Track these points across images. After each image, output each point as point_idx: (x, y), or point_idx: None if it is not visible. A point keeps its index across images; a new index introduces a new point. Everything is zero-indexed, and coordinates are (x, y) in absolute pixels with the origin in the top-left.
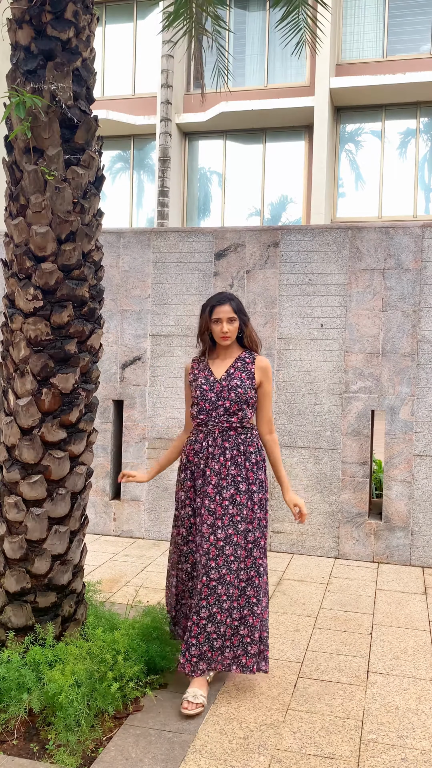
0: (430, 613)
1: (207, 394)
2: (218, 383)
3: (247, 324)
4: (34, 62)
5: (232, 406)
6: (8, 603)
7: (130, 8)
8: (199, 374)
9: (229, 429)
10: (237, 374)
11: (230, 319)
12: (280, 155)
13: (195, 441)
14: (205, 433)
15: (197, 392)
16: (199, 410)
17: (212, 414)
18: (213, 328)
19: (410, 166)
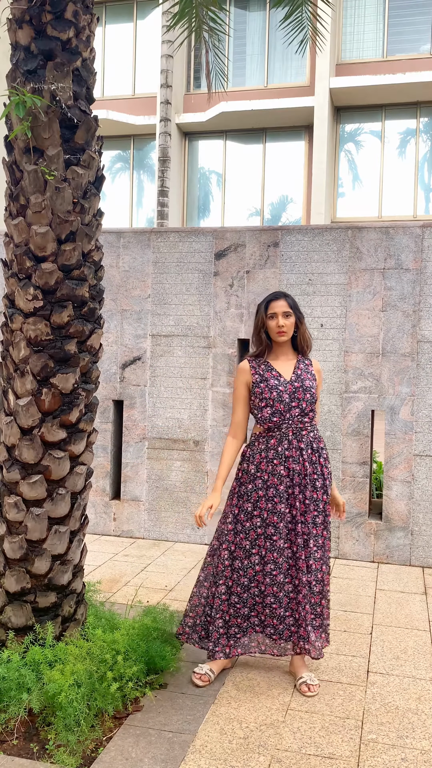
0: (430, 613)
1: (282, 395)
2: (290, 384)
3: (302, 321)
4: (34, 62)
5: (307, 407)
6: (8, 603)
7: (130, 8)
8: (266, 375)
9: (301, 429)
10: (305, 375)
11: (286, 314)
12: (280, 155)
13: (267, 447)
14: (278, 438)
15: (272, 393)
16: (273, 412)
17: (286, 416)
18: (269, 324)
19: (410, 166)
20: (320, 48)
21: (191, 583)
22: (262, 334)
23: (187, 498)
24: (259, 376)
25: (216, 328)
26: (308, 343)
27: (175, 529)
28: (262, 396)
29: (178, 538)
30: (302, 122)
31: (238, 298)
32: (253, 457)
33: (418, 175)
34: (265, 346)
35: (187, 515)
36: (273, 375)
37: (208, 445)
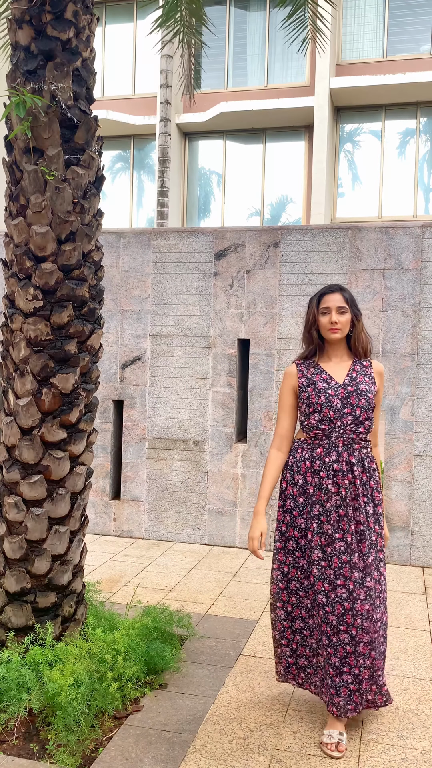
0: (430, 613)
1: (332, 400)
2: (342, 388)
3: (359, 319)
4: (34, 62)
5: (362, 414)
6: (8, 603)
7: (130, 8)
8: (315, 377)
9: (354, 442)
10: (361, 378)
11: (341, 309)
12: (280, 155)
13: (312, 457)
14: (325, 448)
15: (321, 398)
16: (321, 419)
17: (336, 424)
18: (321, 320)
19: (410, 166)
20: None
21: (191, 583)
22: (313, 332)
23: (187, 498)
24: (306, 379)
25: (216, 328)
26: (365, 344)
27: (175, 529)
28: (309, 401)
29: (178, 538)
30: (302, 122)
31: (238, 298)
32: (298, 466)
33: (418, 175)
34: (315, 345)
35: (187, 515)
36: (323, 378)
37: (208, 445)
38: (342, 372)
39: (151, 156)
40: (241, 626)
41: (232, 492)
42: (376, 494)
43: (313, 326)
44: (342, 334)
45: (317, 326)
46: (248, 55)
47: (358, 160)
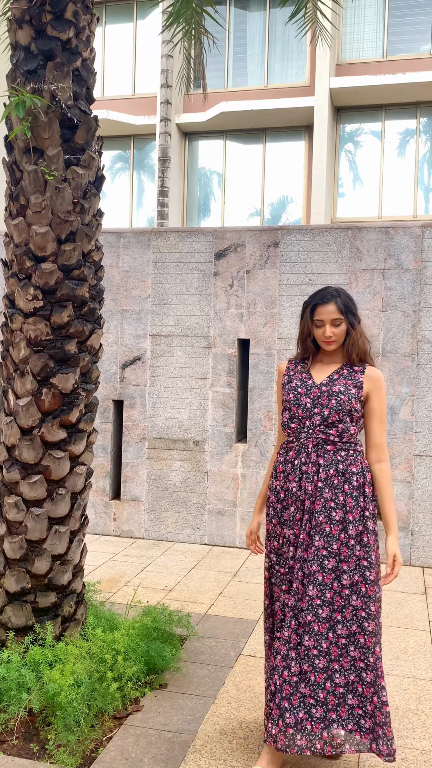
0: (430, 613)
1: (301, 398)
2: (316, 388)
3: (355, 327)
4: (34, 62)
5: (332, 416)
6: (8, 603)
7: (130, 8)
8: (295, 376)
9: (325, 443)
10: (341, 381)
11: (335, 322)
12: (280, 155)
13: (285, 461)
14: (296, 450)
15: (290, 395)
16: (291, 417)
17: (305, 423)
18: (315, 332)
19: (410, 166)
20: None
21: (191, 583)
22: (308, 342)
23: (187, 498)
24: (288, 377)
25: (216, 328)
26: (359, 349)
27: (175, 529)
28: (283, 398)
29: (178, 538)
30: (302, 122)
31: (238, 298)
32: (276, 470)
33: (418, 175)
34: (311, 353)
35: (187, 515)
36: (302, 377)
37: (208, 445)
38: (326, 374)
39: (151, 156)
40: (241, 626)
41: (232, 492)
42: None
43: (308, 336)
44: (337, 345)
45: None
46: (248, 55)
47: (358, 160)
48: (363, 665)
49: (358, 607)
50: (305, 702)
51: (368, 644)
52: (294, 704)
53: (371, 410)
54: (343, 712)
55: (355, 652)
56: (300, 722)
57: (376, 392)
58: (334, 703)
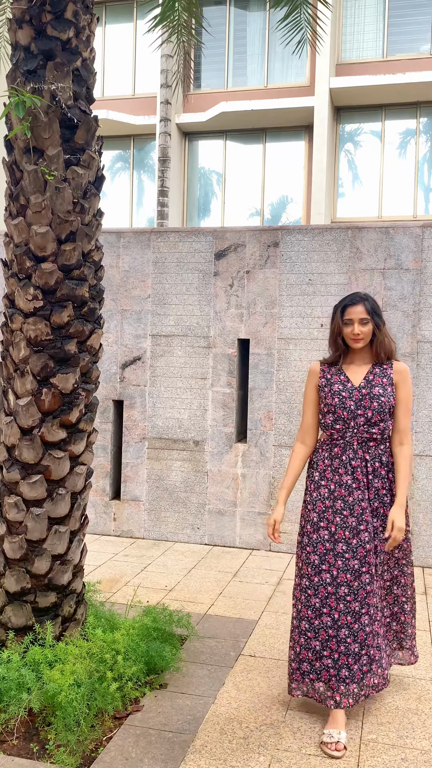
0: (430, 613)
1: (346, 401)
2: (357, 390)
3: (381, 328)
4: (34, 62)
5: (374, 416)
6: (8, 603)
7: (130, 8)
8: (333, 379)
9: (369, 440)
10: (377, 380)
11: (363, 321)
12: (280, 155)
13: (331, 456)
14: (342, 446)
15: (335, 399)
16: (335, 419)
17: (350, 424)
18: (344, 330)
19: (410, 166)
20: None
21: (191, 583)
22: (338, 340)
23: (187, 498)
24: (326, 380)
25: (216, 328)
26: (387, 349)
27: (175, 529)
28: (326, 401)
29: (178, 538)
30: (302, 122)
31: (238, 298)
32: (316, 464)
33: (418, 175)
34: (341, 352)
35: (187, 515)
36: (340, 380)
37: (208, 445)
38: (361, 375)
39: (151, 156)
40: (241, 626)
41: (232, 492)
42: (395, 486)
43: (339, 335)
44: (364, 343)
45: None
46: (248, 55)
47: (358, 160)
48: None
49: (399, 557)
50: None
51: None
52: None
53: (398, 399)
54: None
55: (397, 590)
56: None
57: (403, 383)
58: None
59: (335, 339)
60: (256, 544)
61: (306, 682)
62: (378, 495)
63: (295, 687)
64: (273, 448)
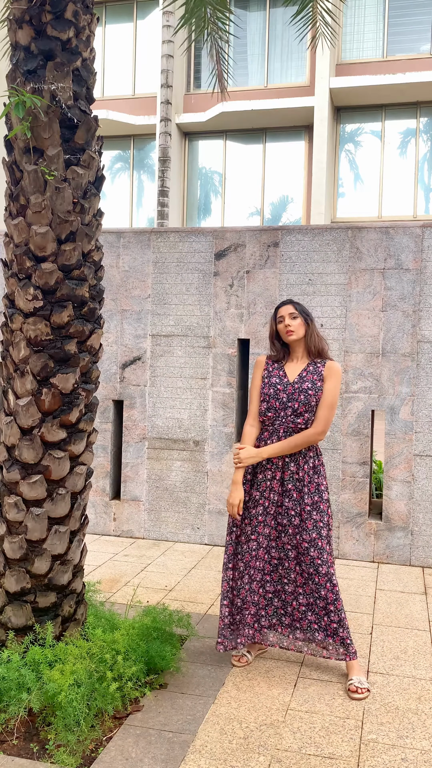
0: (430, 613)
1: (280, 393)
2: (291, 385)
3: (310, 324)
4: (34, 62)
5: (300, 407)
6: (8, 603)
7: (130, 8)
8: (273, 373)
9: (294, 430)
10: (309, 377)
11: (292, 315)
12: (280, 155)
13: (259, 439)
14: (270, 432)
15: (270, 390)
16: (268, 408)
17: (280, 414)
18: (278, 328)
19: (410, 166)
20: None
21: (191, 583)
22: (275, 341)
23: (187, 498)
24: (267, 372)
25: (216, 328)
26: (317, 343)
27: (175, 529)
28: (263, 391)
29: (178, 538)
30: (302, 122)
31: (238, 298)
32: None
33: (418, 175)
34: (282, 353)
35: (187, 515)
36: (278, 374)
37: (208, 445)
38: (296, 372)
39: (151, 156)
40: None
41: None
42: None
43: (274, 336)
44: (297, 336)
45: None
46: (248, 55)
47: (359, 160)
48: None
49: (315, 557)
50: (277, 612)
51: (321, 582)
52: (269, 613)
53: (323, 391)
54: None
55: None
56: (273, 626)
57: (330, 378)
58: (298, 616)
59: (272, 341)
60: None
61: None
62: (292, 478)
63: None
64: None
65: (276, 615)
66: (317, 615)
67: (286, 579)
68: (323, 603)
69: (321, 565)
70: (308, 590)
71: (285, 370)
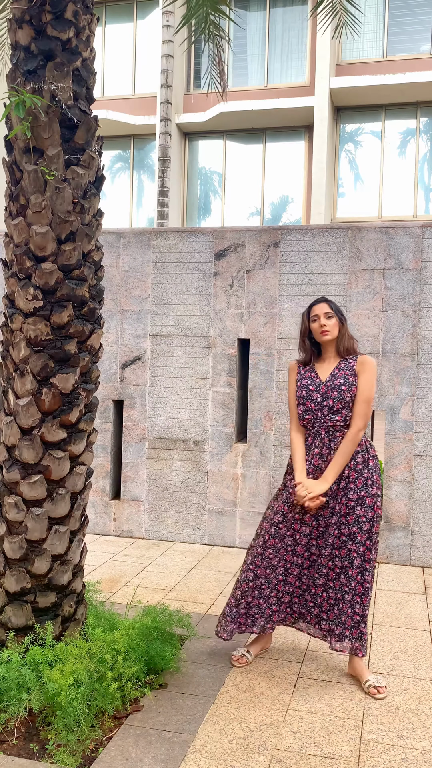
0: (430, 613)
1: (313, 394)
2: (323, 384)
3: (344, 324)
4: (34, 62)
5: (335, 405)
6: (8, 603)
7: (130, 8)
8: (305, 375)
9: (334, 429)
10: (341, 373)
11: (327, 315)
12: (280, 155)
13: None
14: (312, 435)
15: (303, 392)
16: (305, 410)
17: (317, 414)
18: (312, 327)
19: (410, 166)
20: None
21: (191, 583)
22: (305, 341)
23: (187, 498)
24: (299, 375)
25: (216, 328)
26: (346, 344)
27: (175, 529)
28: (297, 395)
29: (178, 538)
30: (302, 122)
31: (238, 298)
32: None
33: (418, 175)
34: (311, 353)
35: (187, 515)
36: (310, 375)
37: (208, 445)
38: (328, 371)
39: (151, 156)
40: None
41: (232, 492)
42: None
43: (306, 336)
44: (332, 336)
45: (310, 335)
46: (248, 55)
47: (359, 160)
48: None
49: (352, 549)
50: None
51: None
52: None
53: (358, 386)
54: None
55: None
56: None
57: (364, 372)
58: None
59: (303, 340)
60: None
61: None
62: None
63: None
64: (273, 448)
65: (305, 606)
66: (340, 609)
67: (317, 574)
68: (351, 595)
69: (356, 557)
70: (338, 585)
71: (317, 371)
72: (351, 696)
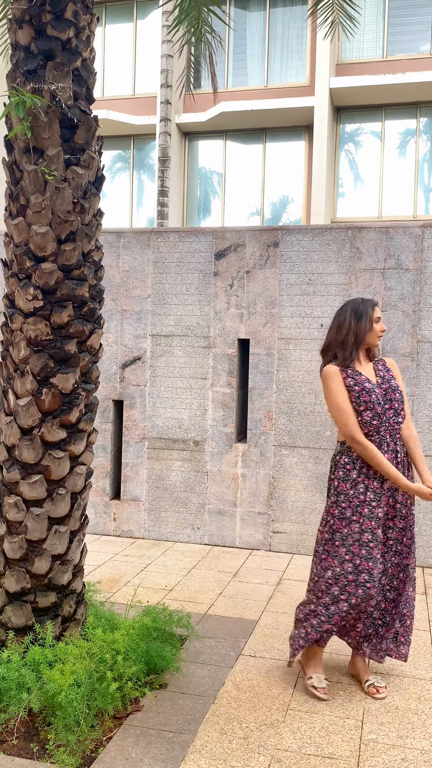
0: (430, 613)
1: (378, 398)
2: (379, 387)
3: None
4: (34, 62)
5: (399, 406)
6: (8, 603)
7: (130, 8)
8: (358, 379)
9: (395, 432)
10: (387, 375)
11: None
12: (280, 155)
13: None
14: (378, 442)
15: (371, 396)
16: (373, 415)
17: (383, 418)
18: (375, 329)
19: (410, 166)
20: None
21: (191, 583)
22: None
23: (187, 498)
24: (352, 379)
25: (216, 328)
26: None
27: (175, 529)
28: (362, 399)
29: (178, 538)
30: (302, 122)
31: (238, 298)
32: (353, 462)
33: (418, 175)
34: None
35: (187, 515)
36: (362, 379)
37: (208, 445)
38: (369, 372)
39: (151, 156)
40: (241, 626)
41: (232, 492)
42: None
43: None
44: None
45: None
46: (248, 55)
47: (359, 160)
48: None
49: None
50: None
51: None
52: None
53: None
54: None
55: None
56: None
57: (398, 373)
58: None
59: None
60: (256, 544)
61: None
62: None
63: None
64: (273, 448)
65: (373, 626)
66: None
67: (388, 586)
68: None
69: (414, 568)
70: (404, 599)
71: (362, 374)
72: (351, 696)
